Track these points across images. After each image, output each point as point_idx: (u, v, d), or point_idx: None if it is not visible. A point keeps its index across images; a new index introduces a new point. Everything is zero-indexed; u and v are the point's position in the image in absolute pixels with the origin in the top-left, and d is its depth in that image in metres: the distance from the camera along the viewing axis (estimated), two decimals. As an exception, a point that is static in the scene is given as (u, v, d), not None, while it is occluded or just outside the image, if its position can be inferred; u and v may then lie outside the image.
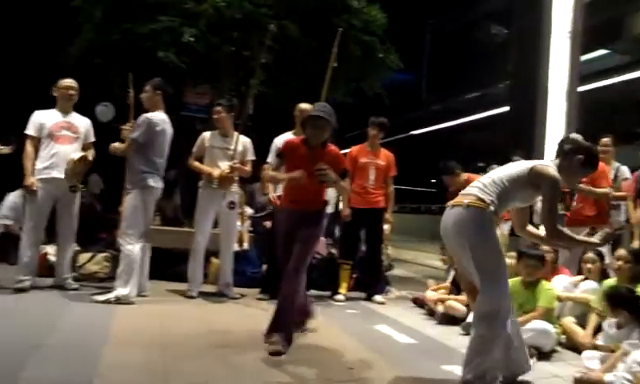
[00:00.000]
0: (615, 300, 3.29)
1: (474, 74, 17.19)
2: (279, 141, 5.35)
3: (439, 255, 5.77)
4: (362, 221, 5.68)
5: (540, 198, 2.93)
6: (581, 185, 4.75)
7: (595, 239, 3.01)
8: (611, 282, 3.92)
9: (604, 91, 14.35)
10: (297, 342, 3.75)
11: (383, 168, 5.66)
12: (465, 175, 5.53)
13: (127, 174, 4.86)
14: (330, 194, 5.02)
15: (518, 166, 2.96)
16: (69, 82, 5.03)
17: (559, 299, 4.19)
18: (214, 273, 5.56)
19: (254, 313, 4.64)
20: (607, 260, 4.39)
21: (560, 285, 4.35)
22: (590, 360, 3.27)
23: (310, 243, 3.67)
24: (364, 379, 3.04)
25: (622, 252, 3.96)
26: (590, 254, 4.21)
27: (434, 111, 20.47)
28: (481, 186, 2.91)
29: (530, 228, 3.23)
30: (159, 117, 4.82)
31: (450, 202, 2.98)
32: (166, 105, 4.94)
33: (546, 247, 4.25)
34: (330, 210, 5.21)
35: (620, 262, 3.79)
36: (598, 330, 3.73)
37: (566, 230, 3.03)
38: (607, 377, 2.90)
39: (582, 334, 3.81)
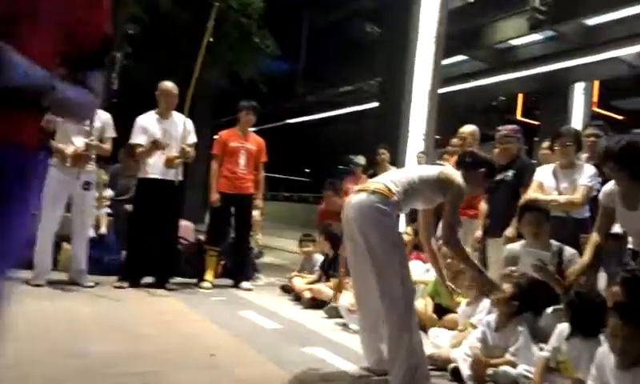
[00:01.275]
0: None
1: (348, 69, 17.75)
2: (142, 120, 5.09)
3: (299, 247, 5.84)
4: (231, 206, 5.56)
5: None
6: None
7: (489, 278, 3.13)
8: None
9: (462, 94, 15.68)
10: (157, 330, 3.58)
11: (254, 153, 5.57)
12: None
13: None
14: None
15: (428, 168, 3.14)
16: None
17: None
18: (66, 259, 5.09)
19: (106, 302, 4.34)
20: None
21: (415, 270, 4.62)
22: (437, 338, 3.51)
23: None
24: (225, 364, 2.96)
25: (445, 248, 4.19)
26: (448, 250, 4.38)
27: (309, 102, 20.82)
28: (391, 177, 2.98)
29: (433, 243, 3.37)
30: None
31: (357, 187, 3.01)
32: None
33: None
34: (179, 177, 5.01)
35: (449, 260, 4.05)
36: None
37: (463, 246, 3.10)
38: (453, 353, 3.13)
39: (427, 317, 4.04)
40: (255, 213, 5.89)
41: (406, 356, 2.69)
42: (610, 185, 3.13)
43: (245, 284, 5.48)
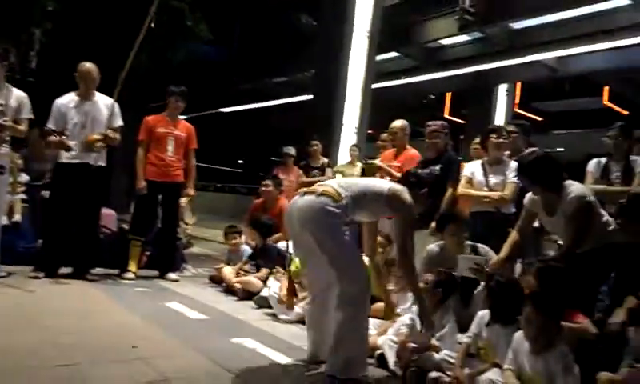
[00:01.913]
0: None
1: (283, 60, 17.65)
2: (60, 102, 4.81)
3: (224, 239, 5.75)
4: (158, 194, 5.36)
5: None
6: (381, 163, 5.13)
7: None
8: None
9: (394, 90, 16.01)
10: (75, 322, 3.40)
11: (183, 139, 5.38)
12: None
13: None
14: None
15: (377, 181, 3.15)
16: None
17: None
18: (-26, 248, 4.72)
19: (19, 293, 4.06)
20: None
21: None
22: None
23: None
24: (148, 356, 2.84)
25: (379, 238, 4.23)
26: (381, 239, 4.39)
27: (243, 91, 20.49)
28: (341, 183, 2.96)
29: (378, 261, 3.44)
30: None
31: (303, 190, 2.98)
32: None
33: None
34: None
35: (380, 249, 4.11)
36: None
37: (415, 269, 3.10)
38: (379, 340, 3.19)
39: None
40: (183, 200, 5.70)
41: (351, 346, 2.75)
42: None
43: (171, 275, 5.31)
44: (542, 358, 2.34)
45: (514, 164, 4.12)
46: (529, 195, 3.40)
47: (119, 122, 4.96)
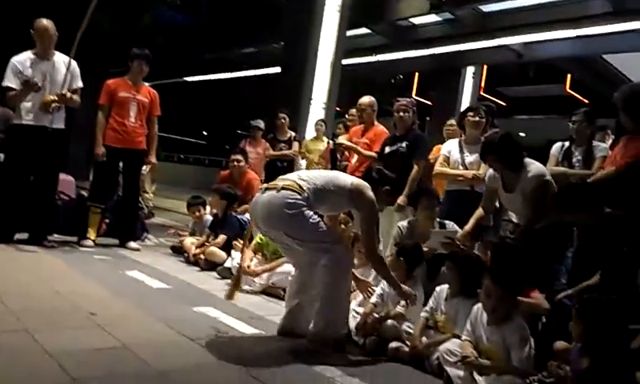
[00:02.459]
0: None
1: (251, 30, 17.30)
2: (17, 60, 4.58)
3: (188, 210, 5.67)
4: (118, 161, 5.21)
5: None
6: (349, 143, 5.10)
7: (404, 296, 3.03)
8: None
9: (363, 68, 15.94)
10: (29, 288, 3.30)
11: (146, 105, 5.21)
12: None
13: None
14: None
15: (339, 175, 3.12)
16: None
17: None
18: None
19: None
20: None
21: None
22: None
23: None
24: (107, 324, 2.78)
25: (341, 215, 4.24)
26: (343, 216, 4.40)
27: (210, 60, 20.01)
28: (303, 176, 2.94)
29: None
30: None
31: (264, 186, 2.98)
32: None
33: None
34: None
35: (343, 226, 4.12)
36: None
37: (384, 261, 3.13)
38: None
39: None
40: (144, 168, 5.54)
41: (334, 307, 2.82)
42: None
43: (131, 244, 5.20)
44: (499, 329, 2.41)
45: None
46: (489, 172, 3.47)
47: (79, 84, 4.77)
